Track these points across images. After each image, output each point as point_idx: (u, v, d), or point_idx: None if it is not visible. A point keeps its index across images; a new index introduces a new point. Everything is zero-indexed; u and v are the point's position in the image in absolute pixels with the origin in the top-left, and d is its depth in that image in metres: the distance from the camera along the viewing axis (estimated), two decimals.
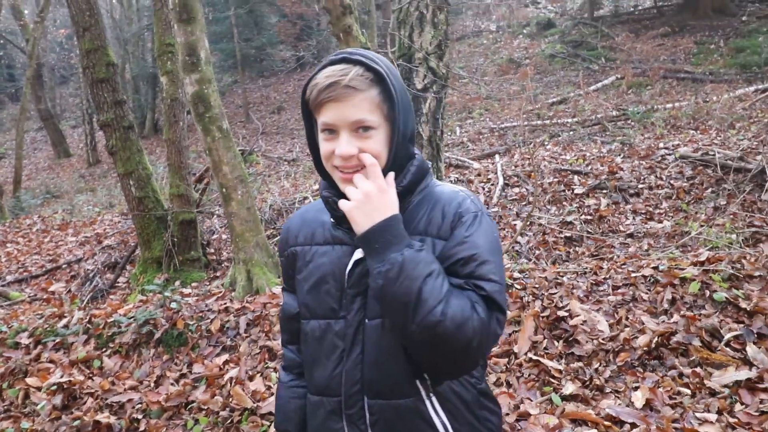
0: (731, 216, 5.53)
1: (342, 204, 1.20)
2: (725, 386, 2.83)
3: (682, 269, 3.71)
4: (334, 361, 1.31)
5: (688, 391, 2.86)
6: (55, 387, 3.51)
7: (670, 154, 7.31)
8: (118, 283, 6.97)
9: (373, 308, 1.27)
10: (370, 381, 1.27)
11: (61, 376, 3.62)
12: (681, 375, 3.00)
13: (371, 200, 1.16)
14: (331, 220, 1.34)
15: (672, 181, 6.62)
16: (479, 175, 8.20)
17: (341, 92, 1.15)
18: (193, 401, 3.39)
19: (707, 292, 3.48)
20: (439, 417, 1.28)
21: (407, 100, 1.25)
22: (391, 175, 1.24)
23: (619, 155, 7.87)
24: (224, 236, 7.57)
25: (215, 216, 8.04)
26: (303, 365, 1.45)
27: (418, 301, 1.10)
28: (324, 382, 1.33)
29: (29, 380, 3.63)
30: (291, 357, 1.52)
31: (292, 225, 1.46)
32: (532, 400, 3.03)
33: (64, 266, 7.77)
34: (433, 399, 1.28)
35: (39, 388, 3.56)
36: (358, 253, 1.27)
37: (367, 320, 1.28)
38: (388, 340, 1.25)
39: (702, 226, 5.36)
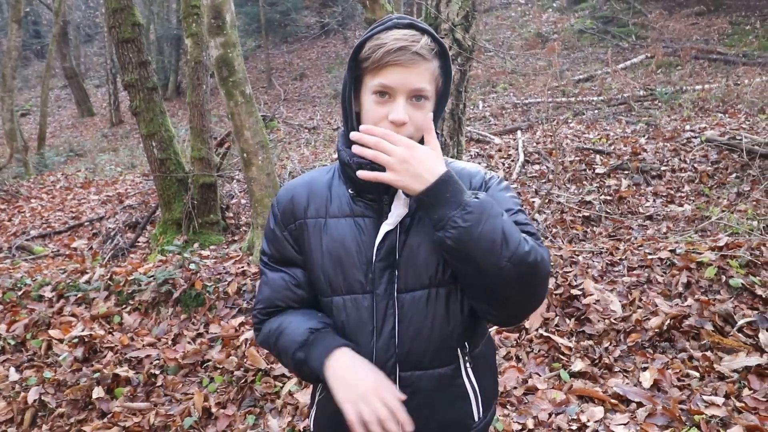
0: (754, 202, 5.45)
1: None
2: (734, 371, 2.84)
3: (700, 253, 3.69)
4: (365, 337, 1.27)
5: (697, 374, 2.88)
6: (76, 340, 3.63)
7: (695, 137, 7.18)
8: (139, 242, 7.10)
9: (405, 280, 1.25)
10: (406, 353, 1.26)
11: (83, 330, 3.74)
12: (691, 358, 3.01)
13: (416, 159, 1.10)
14: (350, 192, 1.29)
15: (696, 165, 6.52)
16: (500, 150, 8.14)
17: (409, 57, 1.15)
18: (208, 360, 3.48)
19: (723, 278, 3.47)
20: (470, 381, 1.32)
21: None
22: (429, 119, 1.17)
23: (644, 136, 7.75)
24: (243, 201, 7.65)
25: (235, 180, 8.11)
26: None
27: (504, 237, 1.10)
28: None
29: (52, 332, 3.76)
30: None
31: (297, 195, 1.34)
32: (540, 375, 3.07)
33: (86, 224, 7.92)
34: (468, 364, 1.32)
35: (61, 340, 3.68)
36: (386, 226, 1.25)
37: (399, 293, 1.26)
38: (432, 310, 1.26)
39: (723, 211, 5.30)
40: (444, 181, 1.11)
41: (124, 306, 4.07)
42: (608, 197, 6.19)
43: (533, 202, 6.33)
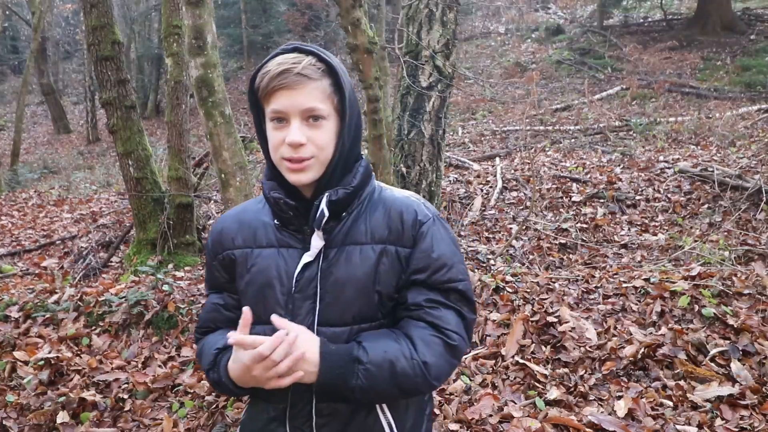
0: (725, 233, 5.56)
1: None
2: (707, 401, 2.85)
3: (673, 283, 3.74)
4: None
5: (671, 404, 2.88)
6: (42, 362, 3.52)
7: (669, 168, 7.33)
8: (111, 262, 6.97)
9: (327, 314, 1.24)
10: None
11: (49, 352, 3.62)
12: (665, 387, 3.02)
13: (302, 361, 1.15)
14: (275, 222, 1.29)
15: (669, 195, 6.64)
16: (478, 176, 8.21)
17: (293, 79, 1.15)
18: (179, 384, 3.40)
19: (696, 307, 3.50)
20: (386, 416, 1.30)
21: (355, 98, 1.26)
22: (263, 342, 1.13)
23: (619, 166, 7.89)
24: None
25: (212, 201, 8.04)
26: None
27: (401, 389, 1.21)
28: (270, 389, 1.22)
29: (17, 354, 3.63)
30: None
31: (226, 227, 1.36)
32: (516, 403, 3.05)
33: (57, 242, 7.76)
34: None
35: (26, 363, 3.56)
36: (307, 257, 1.24)
37: (319, 326, 1.24)
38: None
39: (696, 241, 5.39)
40: (324, 375, 1.16)
41: (93, 327, 3.96)
42: (584, 225, 6.27)
43: (511, 228, 6.38)
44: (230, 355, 1.24)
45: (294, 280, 1.24)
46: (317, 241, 1.24)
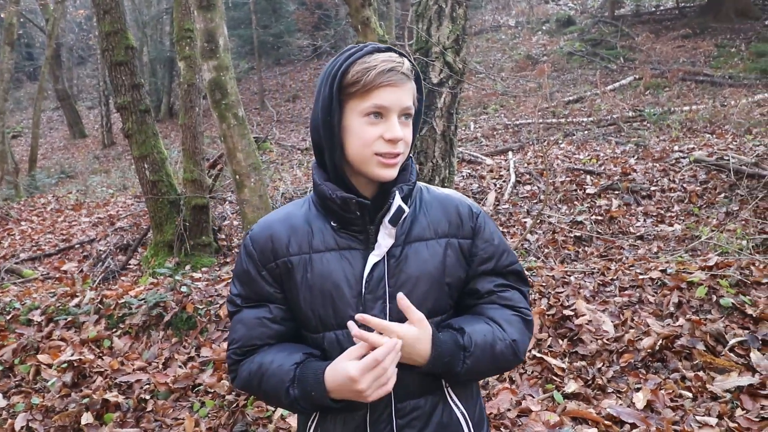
0: (743, 222, 5.50)
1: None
2: (727, 391, 2.84)
3: (690, 273, 3.72)
4: None
5: (690, 395, 2.88)
6: (65, 364, 3.58)
7: (684, 158, 7.26)
8: (130, 265, 7.06)
9: (397, 312, 1.22)
10: (401, 384, 1.20)
11: (72, 354, 3.69)
12: (683, 378, 3.01)
13: (405, 353, 1.16)
14: (332, 224, 1.26)
15: (685, 185, 6.59)
16: (491, 171, 8.20)
17: (399, 78, 1.18)
18: (200, 384, 3.45)
19: (714, 297, 3.48)
20: (457, 405, 1.32)
21: None
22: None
23: (633, 156, 7.84)
24: (235, 222, 7.64)
25: (227, 202, 8.11)
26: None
27: (496, 366, 1.29)
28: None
29: (41, 357, 3.71)
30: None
31: (276, 233, 1.28)
32: (534, 397, 3.06)
33: (76, 246, 7.87)
34: (449, 389, 1.32)
35: (50, 365, 3.63)
36: (373, 257, 1.23)
37: None
38: None
39: (713, 230, 5.34)
40: (432, 364, 1.20)
41: (114, 330, 4.02)
42: (599, 217, 6.23)
43: (525, 222, 6.36)
44: (313, 367, 1.20)
45: (364, 281, 1.23)
46: (386, 240, 1.23)
